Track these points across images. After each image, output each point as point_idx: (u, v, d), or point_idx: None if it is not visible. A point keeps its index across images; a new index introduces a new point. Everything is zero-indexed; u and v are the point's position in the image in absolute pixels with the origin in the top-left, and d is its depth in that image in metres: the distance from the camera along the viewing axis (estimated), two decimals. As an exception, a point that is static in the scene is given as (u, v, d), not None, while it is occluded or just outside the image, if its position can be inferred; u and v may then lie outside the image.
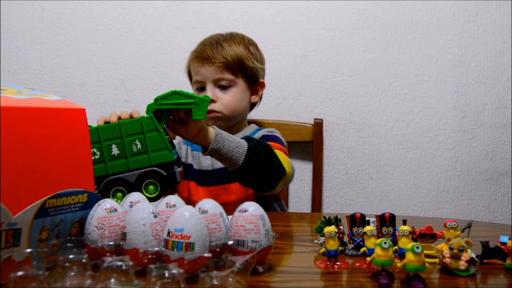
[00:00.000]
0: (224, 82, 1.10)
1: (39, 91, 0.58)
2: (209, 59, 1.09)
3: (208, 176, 1.14)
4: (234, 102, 1.11)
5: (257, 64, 1.14)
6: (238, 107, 1.13)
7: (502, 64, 1.55)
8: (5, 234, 0.44)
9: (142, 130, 0.77)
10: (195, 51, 1.14)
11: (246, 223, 0.51)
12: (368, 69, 1.54)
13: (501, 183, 1.57)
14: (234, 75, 1.10)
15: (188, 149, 1.19)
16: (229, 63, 1.09)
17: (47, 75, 1.50)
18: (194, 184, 1.15)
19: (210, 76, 1.09)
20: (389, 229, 0.61)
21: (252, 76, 1.14)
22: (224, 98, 1.10)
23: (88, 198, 0.54)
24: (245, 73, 1.12)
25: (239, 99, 1.12)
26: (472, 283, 0.51)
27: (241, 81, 1.12)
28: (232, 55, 1.09)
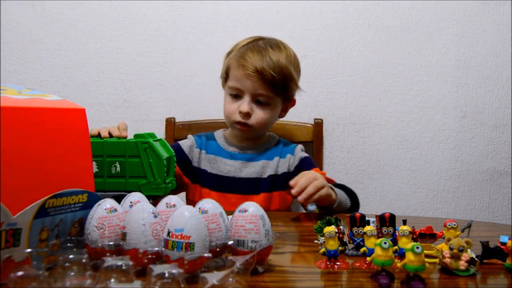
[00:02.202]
0: (263, 98, 1.06)
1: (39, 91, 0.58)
2: (256, 72, 1.03)
3: (227, 182, 1.11)
4: (267, 119, 1.09)
5: (298, 84, 1.12)
6: (269, 124, 1.13)
7: (502, 64, 1.55)
8: (5, 234, 0.44)
9: (125, 153, 0.75)
10: (243, 58, 1.07)
11: (246, 223, 0.51)
12: (368, 69, 1.54)
13: (501, 183, 1.57)
14: (275, 93, 1.06)
15: (202, 153, 1.15)
16: (276, 82, 1.04)
17: (47, 75, 1.50)
18: (207, 191, 1.12)
19: (251, 89, 1.05)
20: (389, 229, 0.61)
21: (289, 96, 1.13)
22: (259, 115, 1.07)
23: (88, 198, 0.54)
24: (285, 93, 1.09)
25: (272, 117, 1.11)
26: (472, 283, 0.51)
27: (279, 100, 1.10)
28: (280, 74, 1.05)
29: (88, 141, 0.60)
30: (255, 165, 1.13)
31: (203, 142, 1.17)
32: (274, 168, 1.13)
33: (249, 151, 1.14)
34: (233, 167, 1.12)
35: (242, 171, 1.12)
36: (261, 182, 1.12)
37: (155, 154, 0.74)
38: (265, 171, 1.12)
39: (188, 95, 1.51)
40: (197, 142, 1.17)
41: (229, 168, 1.12)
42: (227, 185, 1.11)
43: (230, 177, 1.11)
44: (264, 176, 1.12)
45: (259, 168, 1.12)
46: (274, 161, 1.14)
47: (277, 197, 1.13)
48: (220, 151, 1.15)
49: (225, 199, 1.09)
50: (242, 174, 1.11)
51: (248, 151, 1.14)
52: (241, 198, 1.09)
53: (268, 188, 1.12)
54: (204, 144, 1.16)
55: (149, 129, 1.49)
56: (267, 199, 1.11)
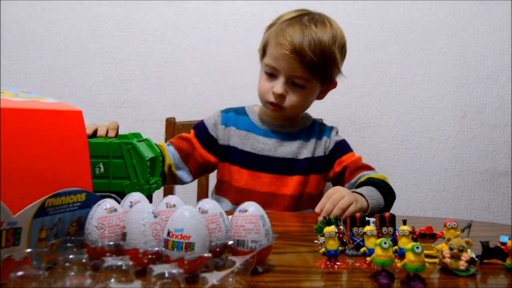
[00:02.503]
0: (300, 81, 0.98)
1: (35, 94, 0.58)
2: (294, 53, 0.94)
3: (260, 161, 1.05)
4: (302, 103, 1.02)
5: (340, 68, 1.04)
6: (304, 108, 1.06)
7: (502, 64, 1.55)
8: (5, 233, 0.45)
9: (108, 154, 0.74)
10: (282, 35, 0.97)
11: (246, 223, 0.51)
12: (368, 69, 1.54)
13: (501, 183, 1.57)
14: (314, 76, 0.98)
15: (231, 129, 1.08)
16: (315, 65, 0.95)
17: (47, 75, 1.50)
18: (237, 168, 1.06)
19: (288, 70, 0.97)
20: (389, 229, 0.61)
21: (330, 79, 1.04)
22: (293, 98, 0.99)
23: (86, 198, 0.54)
24: (324, 75, 1.01)
25: (308, 100, 1.04)
26: (472, 283, 0.51)
27: (317, 82, 1.01)
28: (321, 56, 0.95)
29: (85, 143, 0.60)
30: (290, 144, 1.07)
31: (231, 117, 1.10)
32: (310, 151, 1.07)
33: (285, 130, 1.08)
34: (267, 145, 1.06)
35: (277, 150, 1.06)
36: (297, 164, 1.06)
37: (138, 155, 0.73)
38: (301, 152, 1.07)
39: (188, 95, 1.51)
40: (223, 118, 1.10)
41: (262, 146, 1.06)
42: (260, 164, 1.05)
43: (264, 155, 1.05)
44: (300, 157, 1.07)
45: (295, 148, 1.07)
46: (310, 142, 1.08)
47: (313, 181, 1.08)
48: (253, 128, 1.09)
49: (258, 178, 1.05)
50: (277, 153, 1.05)
51: (283, 129, 1.08)
52: (274, 178, 1.05)
53: (304, 170, 1.06)
54: (233, 120, 1.09)
55: (149, 129, 1.50)
56: (303, 182, 1.06)
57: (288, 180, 1.05)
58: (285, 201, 1.05)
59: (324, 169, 1.09)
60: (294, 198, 1.05)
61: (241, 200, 1.01)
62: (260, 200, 1.00)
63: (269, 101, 1.01)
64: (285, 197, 1.05)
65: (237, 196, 1.05)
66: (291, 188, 1.05)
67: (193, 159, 1.07)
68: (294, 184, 1.05)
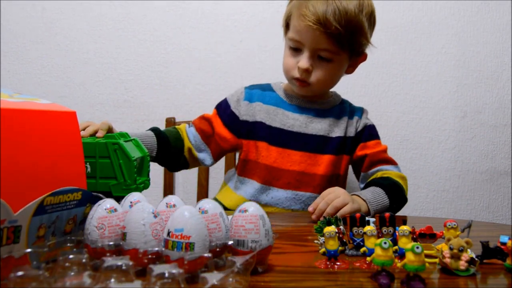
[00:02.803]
0: (326, 54, 0.93)
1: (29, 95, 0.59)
2: (319, 24, 0.88)
3: (290, 138, 1.01)
4: (329, 77, 0.97)
5: (369, 39, 0.98)
6: (332, 83, 1.01)
7: (502, 64, 1.55)
8: (6, 231, 0.45)
9: (95, 154, 0.74)
10: (305, 6, 0.91)
11: (246, 223, 0.51)
12: (368, 69, 1.54)
13: (501, 183, 1.57)
14: (340, 48, 0.93)
15: (257, 105, 1.03)
16: (341, 36, 0.90)
17: (47, 75, 1.50)
18: (265, 145, 1.01)
19: (312, 43, 0.92)
20: (389, 229, 0.61)
21: (358, 50, 0.98)
22: (320, 72, 0.95)
23: (82, 196, 0.55)
24: (352, 47, 0.95)
25: (336, 74, 0.98)
26: (472, 283, 0.51)
27: (345, 55, 0.96)
28: (348, 26, 0.89)
29: (79, 143, 0.61)
30: (322, 121, 1.03)
31: (256, 93, 1.06)
32: (343, 129, 1.04)
33: (316, 106, 1.04)
34: (298, 121, 1.01)
35: (308, 126, 1.02)
36: (329, 142, 1.02)
37: (125, 155, 0.73)
38: (333, 130, 1.03)
39: (188, 95, 1.51)
40: (246, 94, 1.05)
41: (292, 122, 1.01)
42: (290, 140, 1.01)
43: (294, 131, 1.01)
44: (332, 136, 1.03)
45: (327, 125, 1.03)
46: (342, 121, 1.05)
47: (345, 163, 1.05)
48: (281, 103, 1.04)
49: (287, 156, 1.01)
50: (308, 130, 1.01)
51: (314, 105, 1.04)
52: (305, 156, 1.01)
53: (335, 150, 1.02)
54: (258, 95, 1.05)
55: (149, 129, 1.50)
56: (334, 162, 1.02)
57: (319, 158, 1.01)
58: (315, 181, 1.01)
59: (353, 149, 1.06)
60: (326, 178, 1.02)
61: (269, 179, 1.01)
62: (289, 179, 1.01)
63: (295, 77, 0.97)
64: (316, 176, 1.01)
65: (266, 175, 1.01)
66: (323, 167, 1.01)
67: (213, 140, 1.04)
68: (326, 163, 1.01)
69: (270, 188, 1.02)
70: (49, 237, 0.51)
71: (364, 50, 1.01)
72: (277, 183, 1.01)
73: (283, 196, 1.01)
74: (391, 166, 1.03)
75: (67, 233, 0.54)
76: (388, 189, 0.92)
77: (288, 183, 1.01)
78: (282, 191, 1.01)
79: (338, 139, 1.03)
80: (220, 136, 1.04)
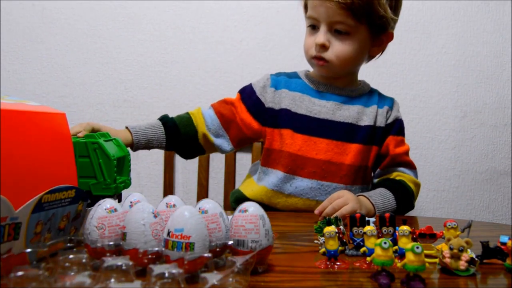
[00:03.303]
0: (342, 27, 0.91)
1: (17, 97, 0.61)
2: None
3: (317, 125, 0.97)
4: (348, 53, 0.93)
5: (389, 12, 0.93)
6: (352, 60, 0.95)
7: (502, 64, 1.55)
8: (7, 228, 0.46)
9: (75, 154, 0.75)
10: None
11: (246, 223, 0.51)
12: (368, 69, 1.53)
13: (501, 183, 1.57)
14: (357, 20, 0.90)
15: (283, 91, 1.00)
16: (354, 5, 0.87)
17: (47, 75, 1.50)
18: (289, 132, 0.98)
19: (327, 17, 0.90)
20: (389, 229, 0.61)
21: (379, 25, 0.94)
22: (337, 47, 0.92)
23: (75, 194, 0.56)
24: (371, 20, 0.91)
25: (356, 50, 0.94)
26: (472, 283, 0.51)
27: (364, 29, 0.92)
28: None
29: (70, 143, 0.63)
30: (349, 108, 0.99)
31: (282, 80, 1.02)
32: (372, 118, 0.99)
33: (344, 93, 1.01)
34: (325, 108, 0.97)
35: (335, 113, 0.98)
36: (357, 130, 0.98)
37: (105, 154, 0.74)
38: (362, 119, 0.99)
39: (188, 95, 1.51)
40: (272, 81, 1.02)
41: (319, 108, 0.97)
42: (316, 128, 0.97)
43: (320, 118, 0.97)
44: (361, 124, 0.98)
45: (355, 113, 0.98)
46: (371, 109, 1.00)
47: (374, 153, 1.00)
48: (307, 89, 1.01)
49: (313, 144, 0.97)
50: (335, 117, 0.97)
51: (342, 92, 1.01)
52: (332, 144, 0.97)
53: (364, 139, 0.98)
54: (284, 82, 1.02)
55: (149, 129, 1.50)
56: (363, 152, 0.98)
57: (347, 147, 0.97)
58: (342, 171, 0.97)
59: (382, 141, 1.01)
60: (353, 168, 0.98)
61: (293, 168, 0.97)
62: (315, 168, 0.97)
63: (313, 55, 0.94)
64: (343, 166, 0.97)
65: (290, 164, 0.97)
66: (350, 157, 0.97)
67: (235, 125, 1.01)
68: (354, 152, 0.97)
69: (294, 177, 0.97)
70: (45, 234, 0.52)
71: (387, 26, 0.96)
72: (302, 172, 0.97)
73: (308, 186, 0.97)
74: (409, 170, 1.01)
75: (61, 230, 0.56)
76: (399, 194, 0.91)
77: (314, 172, 0.97)
78: (306, 180, 0.97)
79: (367, 128, 0.98)
80: (244, 122, 1.00)
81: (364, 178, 1.00)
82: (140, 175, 1.51)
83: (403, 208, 0.93)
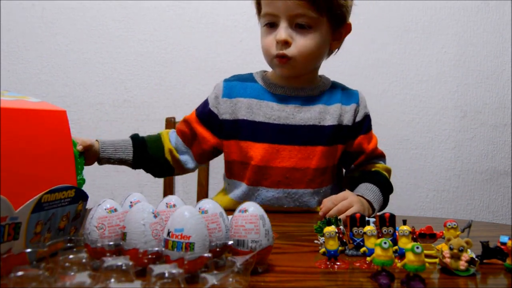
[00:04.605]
0: (304, 20, 0.86)
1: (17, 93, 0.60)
2: None
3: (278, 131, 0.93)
4: (312, 48, 0.88)
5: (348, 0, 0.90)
6: (316, 55, 0.91)
7: (502, 64, 1.55)
8: (7, 228, 0.46)
9: None
10: None
11: (246, 223, 0.51)
12: (368, 69, 1.54)
13: (501, 183, 1.57)
14: (318, 13, 0.85)
15: (239, 101, 0.95)
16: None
17: (47, 75, 1.50)
18: (249, 144, 0.94)
19: (287, 10, 0.85)
20: (389, 229, 0.61)
21: (339, 16, 0.90)
22: (300, 41, 0.87)
23: (75, 194, 0.56)
24: (331, 11, 0.87)
25: (319, 45, 0.89)
26: (472, 283, 0.51)
27: (325, 22, 0.88)
28: None
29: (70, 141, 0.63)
30: (311, 109, 0.94)
31: (235, 86, 0.97)
32: (336, 117, 0.94)
33: (303, 93, 0.95)
34: (285, 112, 0.93)
35: (295, 117, 0.93)
36: (321, 131, 0.94)
37: None
38: (325, 118, 0.94)
39: (188, 95, 1.51)
40: (225, 89, 0.97)
41: (278, 113, 0.92)
42: (277, 134, 0.92)
43: (281, 124, 0.92)
44: (324, 124, 0.94)
45: (317, 113, 0.94)
46: (334, 107, 0.95)
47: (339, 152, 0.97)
48: (264, 94, 0.95)
49: (275, 152, 0.93)
50: (296, 121, 0.93)
51: (301, 92, 0.95)
52: (295, 150, 0.92)
53: (329, 140, 0.94)
54: (238, 89, 0.97)
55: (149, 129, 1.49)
56: (328, 153, 0.94)
57: (311, 151, 0.93)
58: (308, 175, 0.94)
59: (349, 139, 0.98)
60: (319, 172, 0.94)
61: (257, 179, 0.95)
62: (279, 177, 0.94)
63: (275, 55, 0.89)
64: (309, 171, 0.93)
65: (252, 176, 0.94)
66: (315, 160, 0.93)
67: (196, 142, 0.99)
68: (319, 155, 0.93)
69: (258, 188, 0.95)
70: (45, 233, 0.52)
71: (346, 16, 0.93)
72: (266, 183, 0.94)
73: (274, 195, 0.95)
74: (381, 160, 1.03)
75: (61, 229, 0.56)
76: (383, 187, 0.93)
77: (278, 182, 0.94)
78: (272, 190, 0.95)
79: (332, 127, 0.94)
80: (200, 137, 0.98)
81: (332, 178, 0.99)
82: (140, 175, 1.51)
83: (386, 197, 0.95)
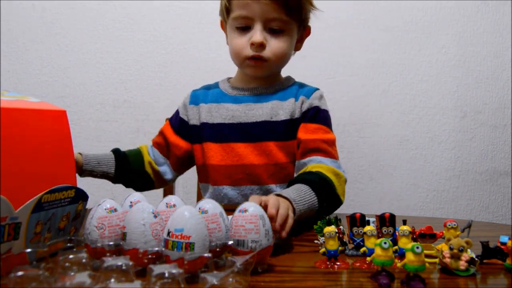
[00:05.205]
0: (278, 24, 0.89)
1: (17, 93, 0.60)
2: None
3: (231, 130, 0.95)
4: (284, 50, 0.92)
5: (314, 4, 0.95)
6: (287, 57, 0.95)
7: (502, 64, 1.55)
8: (7, 228, 0.46)
9: None
10: None
11: (246, 223, 0.51)
12: (368, 69, 1.54)
13: (501, 183, 1.57)
14: (290, 17, 0.89)
15: (202, 106, 0.99)
16: (289, 3, 0.87)
17: (47, 75, 1.50)
18: (210, 145, 0.96)
19: (262, 14, 0.88)
20: (389, 229, 0.61)
21: (304, 21, 0.95)
22: (275, 44, 0.90)
23: (75, 194, 0.56)
24: (299, 16, 0.92)
25: (289, 47, 0.93)
26: (472, 283, 0.51)
27: (294, 26, 0.92)
28: None
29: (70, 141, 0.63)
30: (263, 106, 0.96)
31: (200, 95, 1.02)
32: (289, 112, 0.94)
33: (257, 92, 0.98)
34: (238, 111, 0.95)
35: (247, 114, 0.95)
36: (273, 127, 0.94)
37: None
38: (278, 113, 0.95)
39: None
40: (191, 98, 1.03)
41: (232, 113, 0.95)
42: (231, 133, 0.95)
43: (235, 123, 0.95)
44: (277, 120, 0.94)
45: (269, 109, 0.95)
46: (288, 102, 0.96)
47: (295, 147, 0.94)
48: (222, 97, 0.99)
49: (231, 151, 0.94)
50: (248, 118, 0.95)
51: (255, 91, 0.98)
52: (249, 146, 0.94)
53: (282, 135, 0.94)
54: (202, 96, 1.02)
55: (149, 129, 1.50)
56: (285, 148, 0.94)
57: (266, 146, 0.93)
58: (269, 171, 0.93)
59: None
60: (279, 167, 0.94)
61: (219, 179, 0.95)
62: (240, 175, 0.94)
63: (249, 56, 0.91)
64: (269, 167, 0.93)
65: (215, 176, 0.95)
66: (272, 156, 0.93)
67: (171, 152, 1.01)
68: (274, 150, 0.93)
69: (222, 188, 0.95)
70: (45, 233, 0.52)
71: (308, 21, 0.97)
72: (228, 181, 0.95)
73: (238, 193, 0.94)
74: (327, 159, 0.89)
75: (61, 229, 0.56)
76: (315, 185, 0.77)
77: (240, 179, 0.94)
78: (236, 188, 0.94)
79: (285, 122, 0.94)
80: (173, 145, 1.01)
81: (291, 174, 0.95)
82: (140, 175, 1.52)
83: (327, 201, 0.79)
